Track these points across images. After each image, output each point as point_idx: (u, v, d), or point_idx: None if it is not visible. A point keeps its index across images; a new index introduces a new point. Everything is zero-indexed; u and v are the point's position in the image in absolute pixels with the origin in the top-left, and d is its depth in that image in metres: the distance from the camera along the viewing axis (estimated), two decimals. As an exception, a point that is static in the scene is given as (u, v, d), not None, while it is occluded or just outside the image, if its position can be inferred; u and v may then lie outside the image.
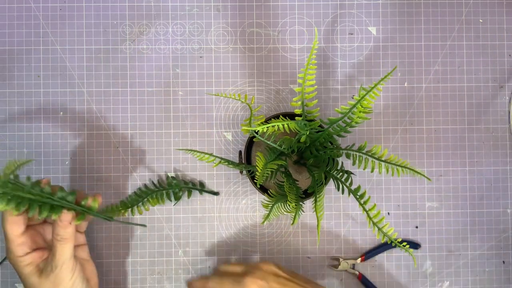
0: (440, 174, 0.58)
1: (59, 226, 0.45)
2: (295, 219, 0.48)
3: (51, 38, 0.57)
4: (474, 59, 0.58)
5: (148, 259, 0.57)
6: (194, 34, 0.57)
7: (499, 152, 0.58)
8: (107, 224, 0.57)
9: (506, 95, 0.58)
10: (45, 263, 0.47)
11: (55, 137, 0.57)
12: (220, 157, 0.53)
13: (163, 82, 0.57)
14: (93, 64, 0.57)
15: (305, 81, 0.46)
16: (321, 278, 0.57)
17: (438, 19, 0.58)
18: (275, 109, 0.57)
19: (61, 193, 0.46)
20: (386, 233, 0.47)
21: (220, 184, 0.57)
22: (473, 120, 0.58)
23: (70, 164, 0.57)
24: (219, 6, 0.57)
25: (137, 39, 0.57)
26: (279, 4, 0.58)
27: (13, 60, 0.57)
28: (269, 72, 0.57)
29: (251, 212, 0.58)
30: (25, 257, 0.46)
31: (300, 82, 0.46)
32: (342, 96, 0.58)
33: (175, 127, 0.57)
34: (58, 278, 0.46)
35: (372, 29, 0.58)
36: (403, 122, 0.58)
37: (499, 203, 0.58)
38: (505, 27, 0.58)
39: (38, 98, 0.57)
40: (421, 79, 0.58)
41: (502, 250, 0.58)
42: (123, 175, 0.57)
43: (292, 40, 0.58)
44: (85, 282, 0.49)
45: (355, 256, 0.58)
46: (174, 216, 0.57)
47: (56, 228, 0.46)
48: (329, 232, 0.58)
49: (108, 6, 0.57)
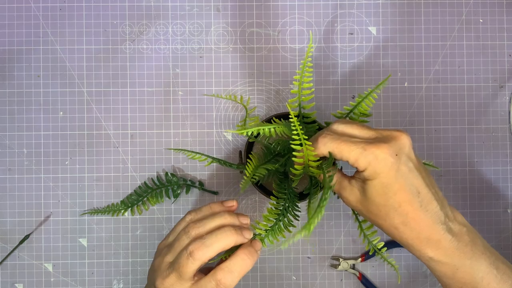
0: (440, 174, 0.58)
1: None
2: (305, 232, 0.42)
3: (51, 38, 0.57)
4: (474, 59, 0.58)
5: (148, 259, 0.57)
6: (194, 34, 0.57)
7: (499, 152, 0.58)
8: (107, 224, 0.57)
9: (506, 95, 0.58)
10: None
11: (55, 137, 0.57)
12: (211, 157, 0.53)
13: (163, 82, 0.57)
14: (93, 64, 0.57)
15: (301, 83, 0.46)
16: (321, 278, 0.57)
17: (438, 19, 0.58)
18: (275, 109, 0.57)
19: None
20: (371, 241, 0.48)
21: (220, 184, 0.57)
22: (473, 120, 0.58)
23: (70, 164, 0.57)
24: (219, 6, 0.57)
25: (137, 39, 0.57)
26: (279, 4, 0.58)
27: (13, 60, 0.57)
28: (269, 72, 0.57)
29: (251, 212, 0.58)
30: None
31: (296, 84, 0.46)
32: (342, 96, 0.58)
33: (175, 127, 0.57)
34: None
35: (372, 29, 0.58)
36: (403, 122, 0.58)
37: (499, 203, 0.58)
38: (505, 27, 0.58)
39: (38, 98, 0.57)
40: (421, 79, 0.58)
41: (502, 250, 0.58)
42: (123, 175, 0.57)
43: (292, 40, 0.58)
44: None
45: (355, 256, 0.58)
46: (174, 216, 0.57)
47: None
48: (329, 232, 0.58)
49: (108, 6, 0.57)
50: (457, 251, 0.40)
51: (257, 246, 0.44)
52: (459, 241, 0.40)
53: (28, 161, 0.56)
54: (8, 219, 0.56)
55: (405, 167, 0.39)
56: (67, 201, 0.57)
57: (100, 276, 0.57)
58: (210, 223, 0.43)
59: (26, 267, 0.56)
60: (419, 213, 0.40)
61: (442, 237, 0.40)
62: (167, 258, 0.43)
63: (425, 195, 0.40)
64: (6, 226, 0.56)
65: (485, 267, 0.41)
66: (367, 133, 0.41)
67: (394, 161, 0.38)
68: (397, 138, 0.39)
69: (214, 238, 0.42)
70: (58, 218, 0.56)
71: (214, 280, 0.41)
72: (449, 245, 0.40)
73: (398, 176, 0.39)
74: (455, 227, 0.41)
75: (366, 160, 0.39)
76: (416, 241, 0.40)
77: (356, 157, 0.39)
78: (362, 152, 0.39)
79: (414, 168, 0.40)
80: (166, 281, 0.41)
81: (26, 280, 0.56)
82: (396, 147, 0.39)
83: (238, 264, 0.42)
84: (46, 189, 0.56)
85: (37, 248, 0.56)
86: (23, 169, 0.56)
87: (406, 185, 0.39)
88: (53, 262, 0.56)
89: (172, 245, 0.43)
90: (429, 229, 0.40)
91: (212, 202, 0.46)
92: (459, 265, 0.40)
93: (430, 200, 0.40)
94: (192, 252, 0.41)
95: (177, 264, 0.41)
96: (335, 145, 0.40)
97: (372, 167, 0.39)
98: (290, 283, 0.57)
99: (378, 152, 0.38)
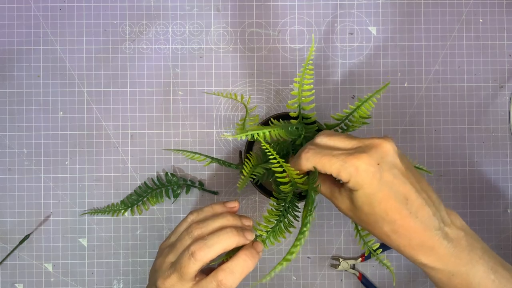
0: (440, 174, 0.58)
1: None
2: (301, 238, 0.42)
3: (51, 38, 0.57)
4: (474, 59, 0.58)
5: (148, 259, 0.57)
6: (194, 34, 0.57)
7: (499, 152, 0.58)
8: (107, 224, 0.57)
9: (506, 95, 0.58)
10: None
11: (55, 137, 0.57)
12: (210, 157, 0.53)
13: (163, 82, 0.57)
14: (93, 64, 0.57)
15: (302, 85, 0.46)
16: (321, 278, 0.57)
17: (438, 19, 0.58)
18: (275, 109, 0.57)
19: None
20: (366, 242, 0.48)
21: (220, 184, 0.57)
22: (473, 120, 0.58)
23: (70, 164, 0.57)
24: (219, 6, 0.57)
25: (137, 39, 0.57)
26: (279, 4, 0.58)
27: (13, 60, 0.57)
28: (269, 72, 0.57)
29: (251, 212, 0.58)
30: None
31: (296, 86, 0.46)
32: (342, 96, 0.58)
33: (175, 127, 0.57)
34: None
35: (372, 29, 0.58)
36: (403, 122, 0.58)
37: (499, 203, 0.58)
38: (505, 27, 0.58)
39: (38, 98, 0.57)
40: (421, 79, 0.58)
41: (502, 250, 0.58)
42: (123, 175, 0.57)
43: (292, 40, 0.58)
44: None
45: (355, 256, 0.58)
46: (174, 216, 0.57)
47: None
48: (329, 232, 0.58)
49: (108, 6, 0.57)
50: (453, 257, 0.39)
51: (258, 248, 0.43)
52: (455, 247, 0.39)
53: (28, 161, 0.56)
54: (8, 219, 0.56)
55: (389, 175, 0.38)
56: (67, 201, 0.57)
57: (100, 276, 0.57)
58: (213, 224, 0.43)
59: (26, 267, 0.56)
60: (409, 220, 0.39)
61: (436, 244, 0.39)
62: (169, 258, 0.43)
63: (414, 201, 0.39)
64: (6, 226, 0.56)
65: (482, 273, 0.40)
66: (349, 143, 0.41)
67: (375, 171, 0.38)
68: (378, 146, 0.39)
69: (216, 238, 0.42)
70: (58, 218, 0.56)
71: (215, 281, 0.41)
72: (444, 251, 0.39)
73: (381, 185, 0.38)
74: (452, 232, 0.40)
75: (347, 172, 0.38)
76: (408, 248, 0.40)
77: (337, 170, 0.39)
78: (343, 164, 0.39)
79: (399, 175, 0.39)
80: (167, 281, 0.41)
81: (26, 280, 0.56)
82: (377, 155, 0.39)
83: (240, 265, 0.42)
84: (46, 189, 0.56)
85: (37, 248, 0.56)
86: (23, 169, 0.56)
87: (391, 193, 0.39)
88: (53, 262, 0.56)
89: (174, 245, 0.43)
90: (421, 236, 0.39)
91: (214, 203, 0.46)
92: (454, 271, 0.40)
93: (420, 206, 0.39)
94: (194, 253, 0.41)
95: (178, 264, 0.41)
96: (317, 160, 0.40)
97: (354, 179, 0.38)
98: (290, 283, 0.57)
99: (358, 163, 0.38)
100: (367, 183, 0.38)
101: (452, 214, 0.41)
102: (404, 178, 0.39)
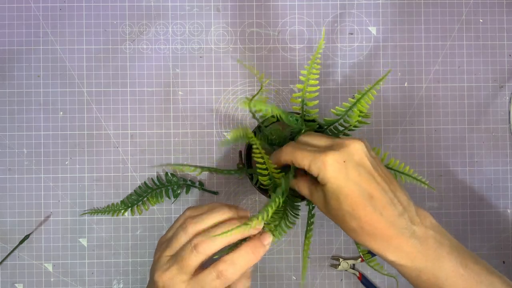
0: (440, 174, 0.58)
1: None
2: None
3: (51, 38, 0.57)
4: (474, 59, 0.58)
5: (148, 259, 0.57)
6: (194, 34, 0.57)
7: (499, 152, 0.58)
8: (107, 224, 0.57)
9: (506, 95, 0.58)
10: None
11: (55, 137, 0.57)
12: (200, 166, 0.53)
13: (163, 82, 0.57)
14: (93, 64, 0.57)
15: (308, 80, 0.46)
16: (321, 278, 0.57)
17: (438, 19, 0.58)
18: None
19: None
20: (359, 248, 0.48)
21: (220, 184, 0.57)
22: (473, 120, 0.58)
23: (70, 164, 0.57)
24: (219, 6, 0.57)
25: (137, 39, 0.57)
26: (279, 4, 0.58)
27: (13, 60, 0.57)
28: (269, 72, 0.57)
29: (251, 212, 0.58)
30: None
31: (302, 79, 0.46)
32: (342, 96, 0.58)
33: (175, 127, 0.57)
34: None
35: (372, 29, 0.58)
36: (403, 122, 0.58)
37: (499, 203, 0.58)
38: (505, 27, 0.58)
39: (38, 98, 0.57)
40: (421, 79, 0.58)
41: (502, 250, 0.58)
42: (123, 175, 0.57)
43: (292, 40, 0.58)
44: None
45: (355, 256, 0.58)
46: (174, 216, 0.57)
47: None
48: (329, 232, 0.58)
49: (108, 6, 0.57)
50: (420, 254, 0.40)
51: (266, 240, 0.43)
52: (422, 245, 0.40)
53: (28, 161, 0.56)
54: (8, 219, 0.56)
55: (354, 172, 0.40)
56: (67, 201, 0.57)
57: (100, 276, 0.57)
58: (208, 219, 0.43)
59: (26, 267, 0.56)
60: (374, 216, 0.40)
61: (402, 242, 0.40)
62: (166, 252, 0.42)
63: (379, 199, 0.40)
64: (6, 226, 0.56)
65: (449, 267, 0.40)
66: (324, 142, 0.44)
67: (340, 167, 0.40)
68: (348, 145, 0.41)
69: (219, 231, 0.41)
70: (58, 218, 0.56)
71: (215, 272, 0.41)
72: (410, 249, 0.40)
73: (347, 181, 0.40)
74: (420, 231, 0.41)
75: (316, 166, 0.41)
76: (374, 244, 0.41)
77: (308, 164, 0.41)
78: (313, 159, 0.41)
79: (365, 173, 0.41)
80: (165, 274, 0.41)
81: (26, 280, 0.56)
82: (344, 154, 0.41)
83: (242, 257, 0.41)
84: (46, 189, 0.56)
85: (37, 248, 0.56)
86: (23, 169, 0.56)
87: (356, 189, 0.40)
88: (53, 262, 0.56)
89: (170, 240, 0.43)
90: (387, 233, 0.40)
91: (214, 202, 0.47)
92: (421, 268, 0.40)
93: (385, 204, 0.40)
94: (197, 245, 0.41)
95: (179, 257, 0.41)
96: (294, 154, 0.43)
97: (322, 173, 0.41)
98: (290, 283, 0.57)
99: (326, 159, 0.40)
100: (333, 177, 0.40)
101: (422, 214, 0.43)
102: (370, 176, 0.41)
